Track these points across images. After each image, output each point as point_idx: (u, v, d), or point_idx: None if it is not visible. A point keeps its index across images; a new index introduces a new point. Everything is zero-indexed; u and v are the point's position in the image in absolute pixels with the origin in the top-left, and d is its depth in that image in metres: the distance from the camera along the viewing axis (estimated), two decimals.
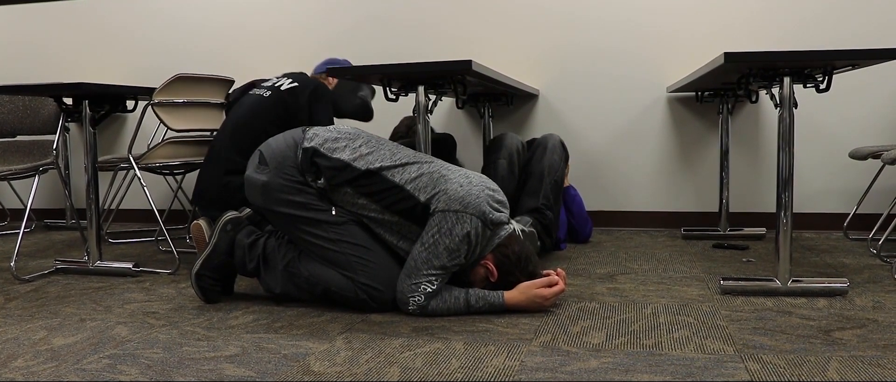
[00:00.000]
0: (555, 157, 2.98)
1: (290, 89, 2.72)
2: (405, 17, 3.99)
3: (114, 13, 4.41)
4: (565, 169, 3.10)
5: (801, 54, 2.04)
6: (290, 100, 2.69)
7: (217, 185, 2.64)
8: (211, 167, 2.68)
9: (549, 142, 3.05)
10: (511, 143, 3.00)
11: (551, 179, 2.94)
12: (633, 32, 3.75)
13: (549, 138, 3.07)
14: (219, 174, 2.64)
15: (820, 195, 3.65)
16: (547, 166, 2.95)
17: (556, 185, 2.97)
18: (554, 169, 2.95)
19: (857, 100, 3.58)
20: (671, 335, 1.86)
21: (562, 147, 3.08)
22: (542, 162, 2.97)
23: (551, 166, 2.95)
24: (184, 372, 1.63)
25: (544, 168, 2.96)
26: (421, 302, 2.03)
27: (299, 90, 2.71)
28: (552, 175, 2.94)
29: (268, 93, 2.74)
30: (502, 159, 2.96)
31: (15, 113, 3.67)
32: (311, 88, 2.72)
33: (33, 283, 2.67)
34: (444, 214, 2.01)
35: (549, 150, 3.00)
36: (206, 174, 2.68)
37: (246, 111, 2.72)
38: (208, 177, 2.68)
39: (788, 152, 2.24)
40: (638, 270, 2.70)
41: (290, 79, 2.78)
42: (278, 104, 2.69)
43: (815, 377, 1.54)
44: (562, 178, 3.03)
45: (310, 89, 2.72)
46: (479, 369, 1.62)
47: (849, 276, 2.55)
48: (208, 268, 2.26)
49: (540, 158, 3.00)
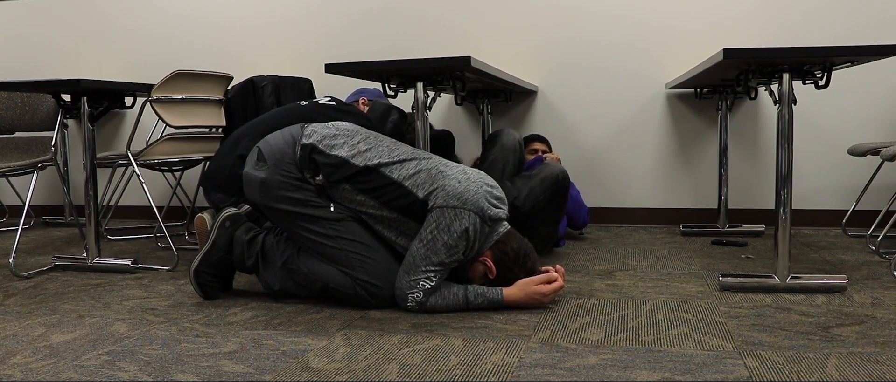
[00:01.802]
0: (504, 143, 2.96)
1: (327, 105, 2.76)
2: (404, 13, 3.99)
3: (112, 10, 4.40)
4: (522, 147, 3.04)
5: (801, 51, 2.04)
6: (326, 116, 2.72)
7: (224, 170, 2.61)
8: (231, 152, 2.64)
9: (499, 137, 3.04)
10: (506, 141, 2.98)
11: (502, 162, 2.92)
12: (632, 29, 3.75)
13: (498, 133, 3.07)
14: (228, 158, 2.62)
15: (819, 191, 3.65)
16: (498, 155, 2.94)
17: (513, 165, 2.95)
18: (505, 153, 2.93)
19: (856, 96, 3.58)
20: (670, 331, 1.86)
21: (508, 134, 3.05)
22: (492, 152, 2.97)
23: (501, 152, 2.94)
24: (182, 369, 1.63)
25: (495, 156, 2.94)
26: (419, 298, 2.03)
27: (335, 108, 2.75)
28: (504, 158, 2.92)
29: (305, 103, 2.78)
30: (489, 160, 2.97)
31: (13, 109, 3.67)
32: (346, 110, 2.76)
33: (32, 280, 2.67)
34: (442, 210, 2.01)
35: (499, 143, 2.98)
36: (227, 160, 2.64)
37: (282, 113, 2.72)
38: (220, 161, 2.64)
39: (787, 149, 2.24)
40: (637, 267, 2.70)
41: (329, 98, 2.84)
42: (313, 116, 2.72)
43: (814, 373, 1.54)
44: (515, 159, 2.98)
45: (344, 110, 2.75)
46: (477, 365, 1.62)
47: (847, 273, 2.55)
48: (207, 265, 2.26)
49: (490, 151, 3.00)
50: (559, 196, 2.80)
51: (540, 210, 2.79)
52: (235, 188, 2.61)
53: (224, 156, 2.66)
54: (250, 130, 2.70)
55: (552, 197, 2.77)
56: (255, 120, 2.76)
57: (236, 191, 2.60)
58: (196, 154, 3.17)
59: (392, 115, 3.07)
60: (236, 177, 2.61)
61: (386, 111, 3.06)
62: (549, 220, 2.86)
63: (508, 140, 2.99)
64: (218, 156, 2.70)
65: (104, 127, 4.50)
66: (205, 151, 3.20)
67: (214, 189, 2.66)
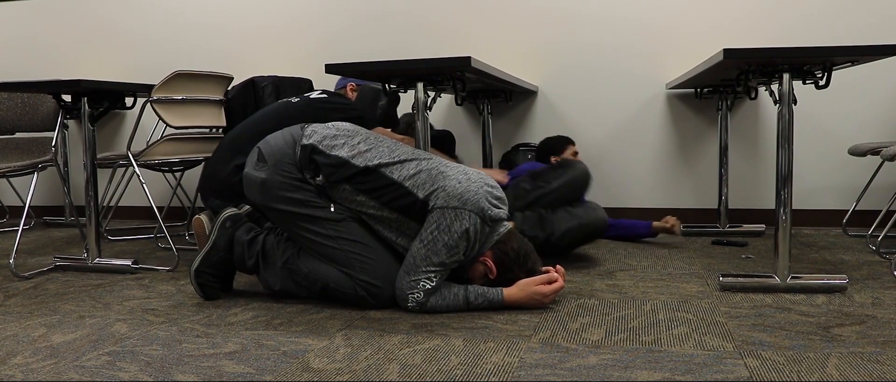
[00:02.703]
0: (575, 180, 2.81)
1: (318, 99, 2.77)
2: (404, 13, 3.99)
3: (113, 10, 4.40)
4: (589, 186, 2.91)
5: (801, 51, 2.04)
6: (317, 110, 2.74)
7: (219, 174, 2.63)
8: (226, 155, 2.66)
9: (570, 171, 2.86)
10: (577, 177, 2.81)
11: (562, 195, 2.79)
12: (632, 29, 3.75)
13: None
14: (223, 163, 2.63)
15: (819, 191, 3.65)
16: (564, 187, 2.79)
17: (569, 201, 2.83)
18: (572, 188, 2.79)
19: (856, 96, 3.58)
20: (670, 331, 1.86)
21: (582, 172, 2.87)
22: (559, 180, 2.81)
23: (569, 187, 2.80)
24: (183, 369, 1.63)
25: (560, 186, 2.79)
26: (420, 298, 2.03)
27: (325, 102, 2.76)
28: (566, 192, 2.79)
29: (296, 99, 2.79)
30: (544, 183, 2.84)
31: (14, 110, 3.67)
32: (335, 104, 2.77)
33: (32, 280, 2.67)
34: (442, 211, 2.01)
35: (569, 177, 2.82)
36: (222, 165, 2.66)
37: (274, 112, 2.73)
38: (214, 166, 2.66)
39: (787, 149, 2.24)
40: (637, 267, 2.70)
41: (320, 91, 2.86)
42: (305, 112, 2.73)
43: (814, 373, 1.54)
44: (576, 196, 2.84)
45: (333, 101, 2.77)
46: (478, 365, 1.62)
47: (848, 273, 2.55)
48: (207, 265, 2.26)
49: (556, 177, 2.85)
50: (594, 238, 2.78)
51: (572, 246, 2.77)
52: (232, 193, 2.60)
53: (219, 162, 2.66)
54: (244, 131, 2.70)
55: (587, 238, 2.75)
56: (248, 120, 2.76)
57: (233, 196, 2.59)
58: (196, 154, 3.17)
59: (380, 100, 3.08)
60: (234, 184, 2.61)
61: (374, 96, 3.08)
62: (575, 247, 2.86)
63: (580, 177, 2.82)
64: (213, 159, 2.70)
65: (104, 127, 4.50)
66: (205, 152, 3.20)
67: (212, 195, 2.66)
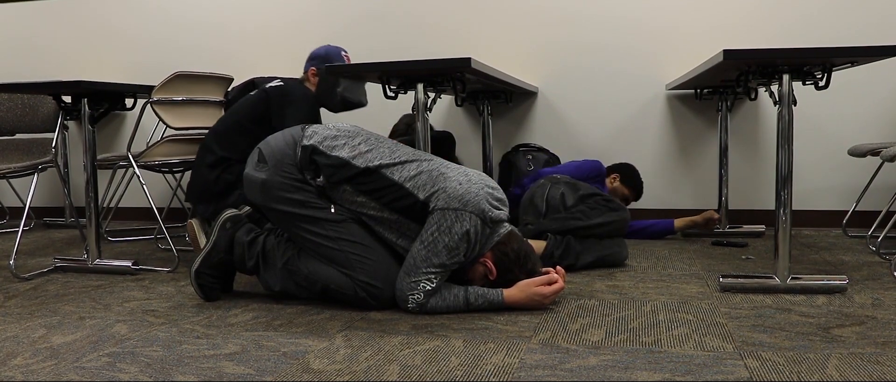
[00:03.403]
0: (618, 255, 2.77)
1: (274, 87, 2.79)
2: (404, 13, 3.99)
3: (113, 11, 4.40)
4: None
5: (801, 51, 2.04)
6: (272, 99, 2.76)
7: (200, 178, 2.74)
8: (197, 161, 2.79)
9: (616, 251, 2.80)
10: (619, 254, 2.77)
11: (601, 247, 2.76)
12: (632, 29, 3.75)
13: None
14: (200, 166, 2.75)
15: (819, 192, 3.65)
16: (607, 251, 2.75)
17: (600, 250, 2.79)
18: (613, 252, 2.75)
19: (856, 97, 3.58)
20: (670, 332, 1.86)
21: (624, 249, 2.81)
22: (600, 227, 2.77)
23: (610, 248, 2.76)
24: (183, 370, 1.63)
25: (602, 241, 2.77)
26: (420, 299, 2.03)
27: (280, 90, 2.77)
28: (606, 249, 2.75)
29: (255, 91, 2.84)
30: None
31: (14, 111, 3.67)
32: (288, 90, 2.77)
33: (32, 281, 2.67)
34: (443, 212, 2.01)
35: (617, 251, 2.77)
36: (197, 166, 2.79)
37: (237, 106, 2.83)
38: (195, 171, 2.79)
39: (787, 149, 2.24)
40: (637, 267, 2.70)
41: (280, 80, 2.86)
42: (260, 102, 2.77)
43: (815, 374, 1.54)
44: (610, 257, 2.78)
45: (286, 90, 2.77)
46: (478, 366, 1.62)
47: (848, 273, 2.55)
48: (207, 266, 2.26)
49: (600, 223, 2.79)
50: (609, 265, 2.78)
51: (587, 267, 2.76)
52: (210, 194, 2.72)
53: (196, 164, 2.78)
54: (213, 129, 2.81)
55: (603, 265, 2.76)
56: (217, 122, 2.83)
57: (211, 196, 2.71)
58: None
59: (339, 86, 2.88)
60: (208, 183, 2.72)
61: (332, 83, 2.88)
62: None
63: (621, 224, 2.77)
64: (194, 165, 2.80)
65: (104, 128, 4.50)
66: None
67: (193, 198, 2.78)
